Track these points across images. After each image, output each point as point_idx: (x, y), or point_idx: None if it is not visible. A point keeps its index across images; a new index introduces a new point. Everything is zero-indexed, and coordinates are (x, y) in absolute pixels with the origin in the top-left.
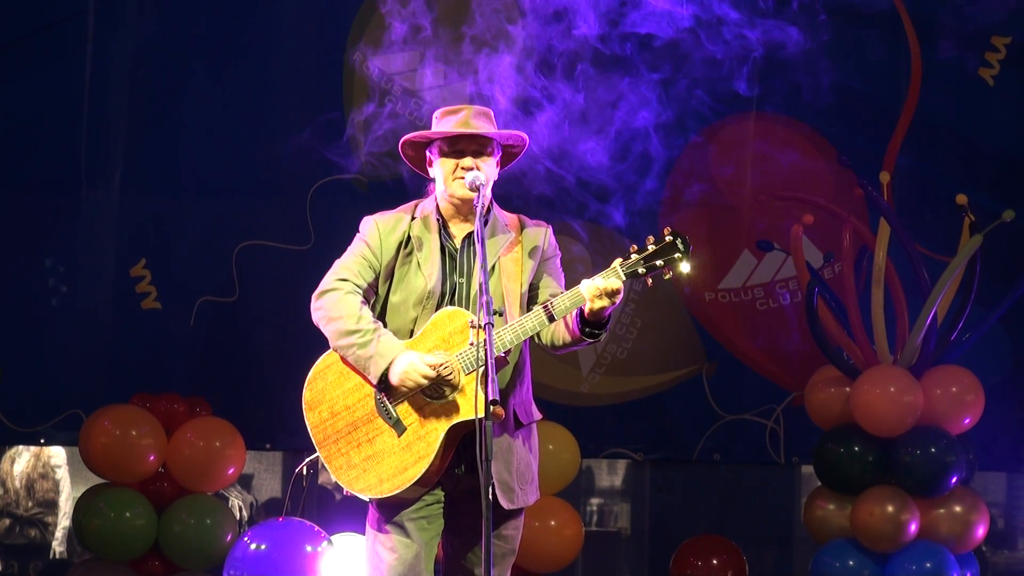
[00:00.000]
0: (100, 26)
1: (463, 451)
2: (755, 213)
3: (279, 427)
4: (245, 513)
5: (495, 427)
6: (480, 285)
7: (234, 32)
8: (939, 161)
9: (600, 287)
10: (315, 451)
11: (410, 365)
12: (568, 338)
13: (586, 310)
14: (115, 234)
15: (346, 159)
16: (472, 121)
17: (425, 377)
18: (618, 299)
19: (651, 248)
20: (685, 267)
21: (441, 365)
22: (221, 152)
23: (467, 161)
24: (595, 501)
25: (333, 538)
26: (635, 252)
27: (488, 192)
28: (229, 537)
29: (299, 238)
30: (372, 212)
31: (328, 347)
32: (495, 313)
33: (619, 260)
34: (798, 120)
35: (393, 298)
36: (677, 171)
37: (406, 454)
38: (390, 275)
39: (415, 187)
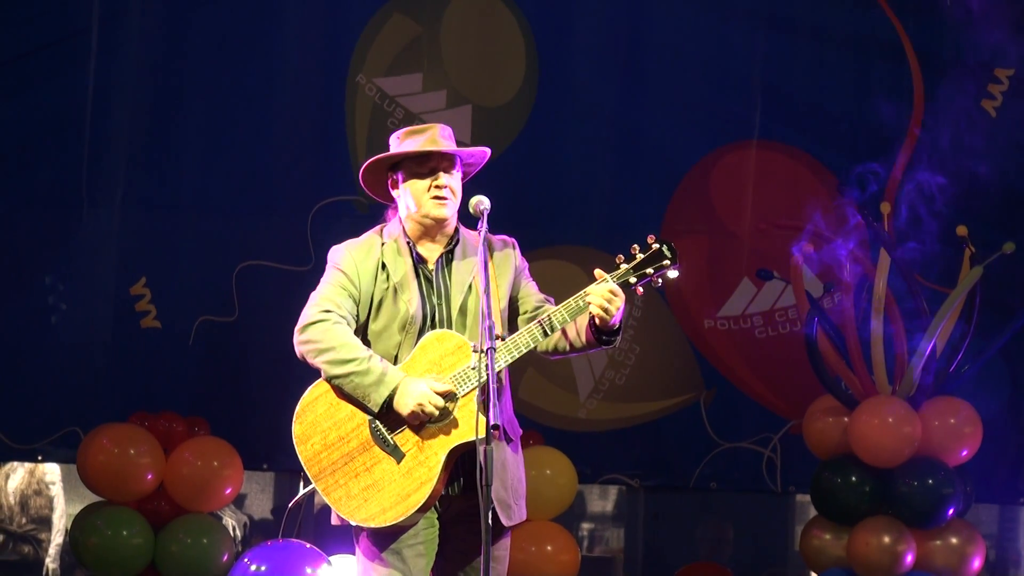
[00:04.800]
0: (103, 45)
1: (457, 471)
2: (755, 241)
3: (276, 448)
4: (239, 533)
5: None
6: (483, 310)
7: (236, 51)
8: (940, 192)
9: (602, 295)
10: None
11: (422, 395)
12: (581, 343)
13: (597, 321)
14: (115, 252)
15: (347, 180)
16: (441, 140)
17: (438, 408)
18: (620, 302)
19: (639, 257)
20: (674, 273)
21: (446, 392)
22: (222, 171)
23: (443, 179)
24: (589, 526)
25: (332, 559)
26: (623, 262)
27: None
28: (225, 557)
29: (299, 259)
30: None
31: (314, 380)
32: (498, 338)
33: (604, 273)
34: (800, 148)
35: (374, 325)
36: (676, 197)
37: (407, 481)
38: (369, 302)
39: None
